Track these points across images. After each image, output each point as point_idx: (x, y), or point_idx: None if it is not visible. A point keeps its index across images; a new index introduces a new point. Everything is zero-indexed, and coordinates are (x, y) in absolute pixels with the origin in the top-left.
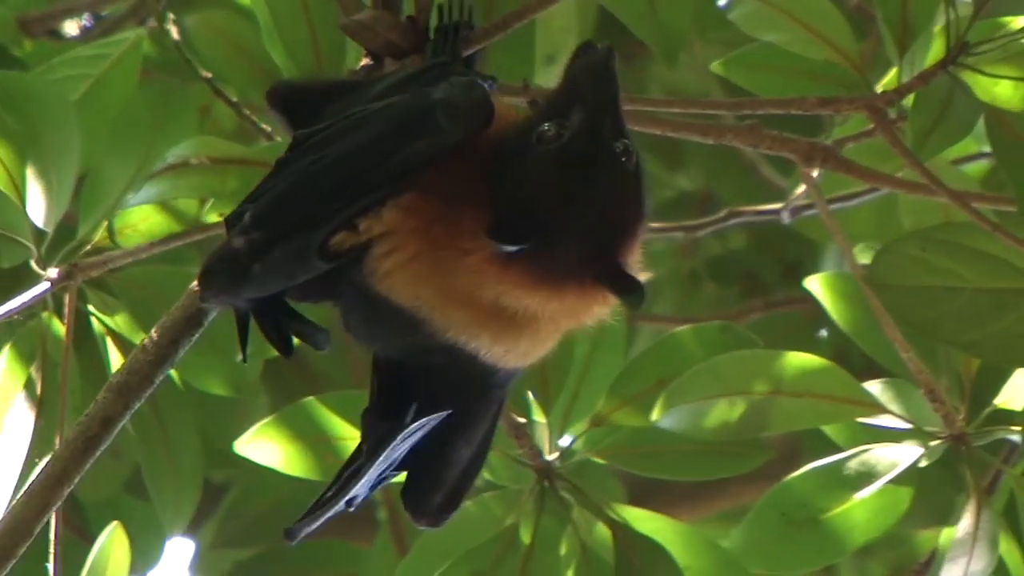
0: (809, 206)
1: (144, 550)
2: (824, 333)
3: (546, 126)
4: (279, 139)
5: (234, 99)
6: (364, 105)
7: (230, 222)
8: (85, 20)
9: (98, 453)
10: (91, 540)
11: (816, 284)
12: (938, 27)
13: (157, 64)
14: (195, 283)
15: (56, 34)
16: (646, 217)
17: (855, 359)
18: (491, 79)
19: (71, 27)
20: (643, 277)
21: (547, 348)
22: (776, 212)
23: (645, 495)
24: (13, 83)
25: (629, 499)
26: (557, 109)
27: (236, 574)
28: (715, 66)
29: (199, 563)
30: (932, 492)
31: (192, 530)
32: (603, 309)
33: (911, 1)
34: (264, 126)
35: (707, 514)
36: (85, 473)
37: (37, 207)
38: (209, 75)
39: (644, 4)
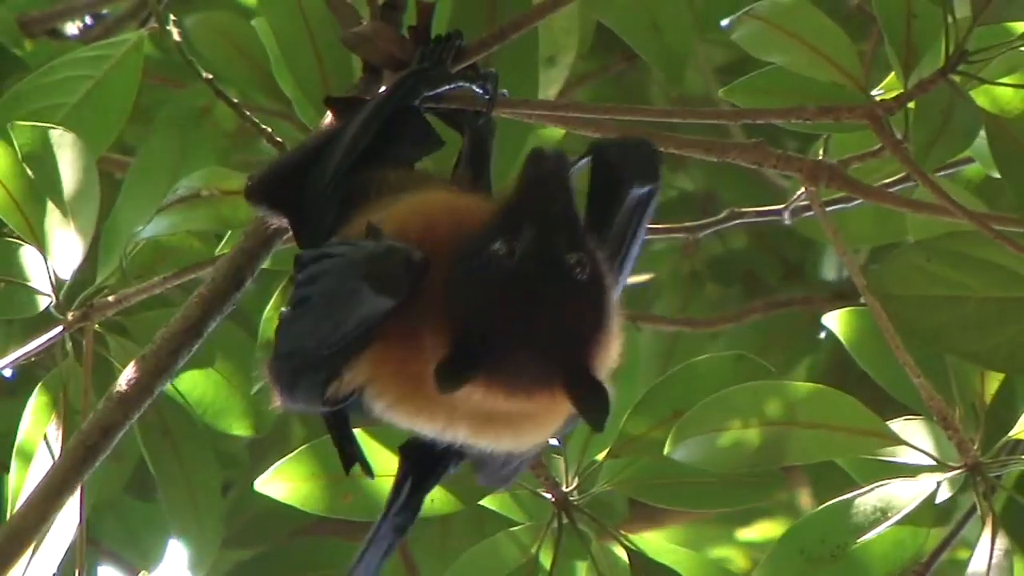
0: (810, 207)
1: (145, 550)
2: (824, 335)
3: (497, 245)
4: (280, 139)
5: (235, 100)
6: (342, 154)
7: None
8: (86, 20)
9: (97, 463)
10: (92, 542)
11: (833, 320)
12: None
13: (158, 65)
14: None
15: (56, 34)
16: (608, 322)
17: (855, 362)
18: (482, 82)
19: (71, 28)
20: (615, 368)
21: (556, 427)
22: (777, 213)
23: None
24: (35, 134)
25: (629, 503)
26: (509, 223)
27: (236, 574)
28: (723, 92)
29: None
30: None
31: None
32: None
33: (915, 21)
34: (265, 127)
35: (707, 515)
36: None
37: (57, 255)
38: (210, 76)
39: (648, 26)
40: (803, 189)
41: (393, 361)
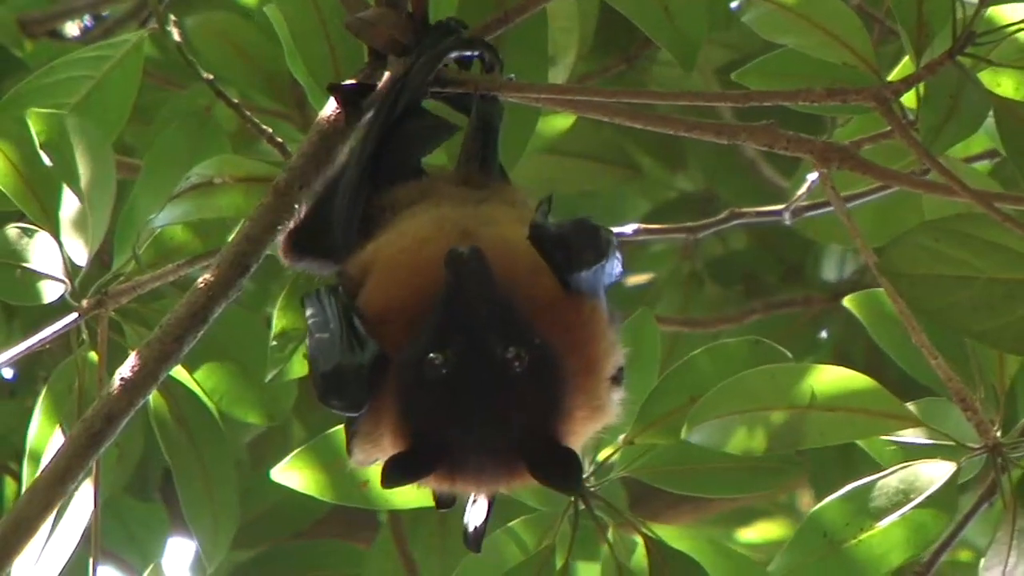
0: (811, 207)
1: (145, 550)
2: (824, 335)
3: (432, 355)
4: (280, 140)
5: (235, 100)
6: (352, 185)
7: None
8: (86, 21)
9: (102, 450)
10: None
11: (853, 302)
12: None
13: (158, 65)
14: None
15: (57, 35)
16: (561, 399)
17: (856, 360)
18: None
19: (72, 28)
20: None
21: None
22: (778, 213)
23: (645, 498)
24: (52, 121)
25: (628, 503)
26: (441, 331)
27: (237, 574)
28: (735, 76)
29: (199, 563)
30: None
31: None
32: None
33: (927, 2)
34: (265, 127)
35: (706, 515)
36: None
37: (72, 242)
38: (210, 77)
39: (660, 11)
40: (803, 188)
41: (375, 450)
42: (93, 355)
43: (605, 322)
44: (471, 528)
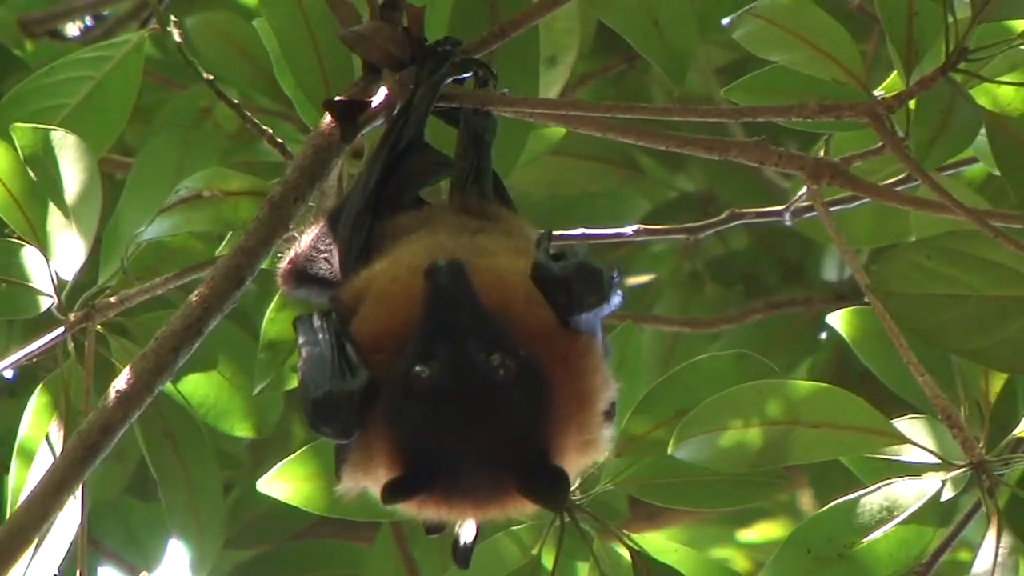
0: (811, 208)
1: (146, 551)
2: (824, 335)
3: (417, 368)
4: (280, 140)
5: (236, 101)
6: (353, 219)
7: None
8: (86, 21)
9: (97, 461)
10: (93, 542)
11: (837, 319)
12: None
13: (159, 66)
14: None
15: (57, 35)
16: (550, 415)
17: (856, 362)
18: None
19: (72, 28)
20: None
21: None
22: (778, 214)
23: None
24: (37, 136)
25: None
26: (425, 344)
27: (236, 575)
28: (724, 92)
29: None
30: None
31: None
32: None
33: (917, 19)
34: (266, 128)
35: (706, 515)
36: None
37: (59, 256)
38: (211, 77)
39: (649, 24)
40: (804, 189)
41: (366, 478)
42: (80, 369)
43: (600, 357)
44: (461, 544)
